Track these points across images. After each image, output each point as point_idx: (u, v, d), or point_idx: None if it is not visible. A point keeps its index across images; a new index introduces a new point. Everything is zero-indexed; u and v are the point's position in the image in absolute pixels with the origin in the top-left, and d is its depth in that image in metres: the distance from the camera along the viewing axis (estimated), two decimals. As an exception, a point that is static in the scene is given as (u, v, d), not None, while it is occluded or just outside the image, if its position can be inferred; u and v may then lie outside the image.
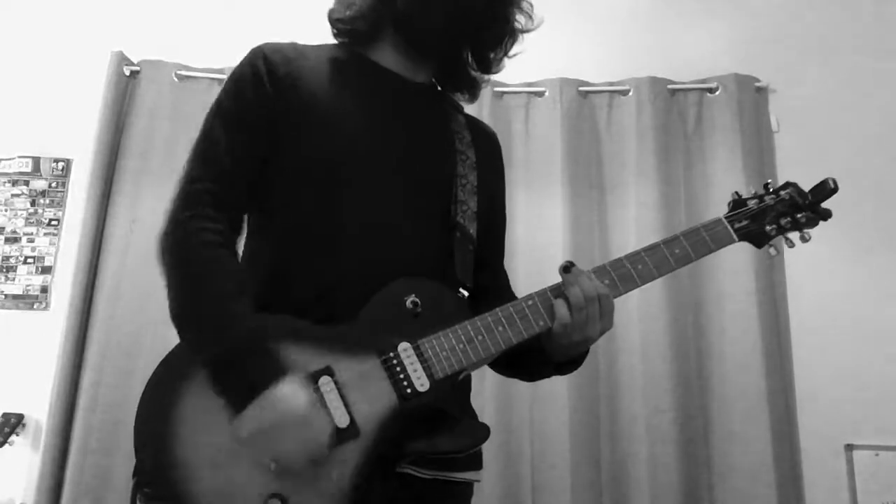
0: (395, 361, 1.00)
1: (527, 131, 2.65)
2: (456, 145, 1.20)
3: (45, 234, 2.72)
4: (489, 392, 2.35)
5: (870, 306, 2.45)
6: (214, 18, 2.81)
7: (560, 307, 1.06)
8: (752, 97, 2.62)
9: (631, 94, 2.64)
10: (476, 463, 1.12)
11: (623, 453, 2.36)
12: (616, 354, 2.44)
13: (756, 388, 2.32)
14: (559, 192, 2.53)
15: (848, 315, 2.45)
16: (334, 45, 1.22)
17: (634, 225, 2.49)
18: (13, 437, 2.42)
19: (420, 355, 1.01)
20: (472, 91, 1.29)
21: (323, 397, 0.96)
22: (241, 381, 0.95)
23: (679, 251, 1.14)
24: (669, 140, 2.60)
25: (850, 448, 2.36)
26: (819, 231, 1.25)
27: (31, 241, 2.72)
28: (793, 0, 2.77)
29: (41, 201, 2.75)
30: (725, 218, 1.18)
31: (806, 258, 2.50)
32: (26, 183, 2.77)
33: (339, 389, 0.97)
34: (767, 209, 1.19)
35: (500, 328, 1.05)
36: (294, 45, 1.17)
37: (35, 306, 2.66)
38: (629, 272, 1.12)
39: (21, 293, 2.67)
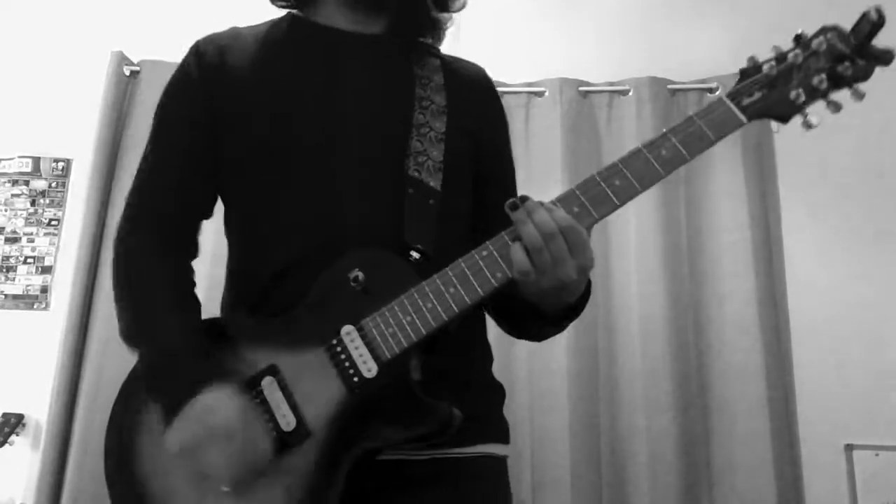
0: (339, 349, 0.90)
1: (527, 131, 2.65)
2: (417, 92, 1.07)
3: (45, 234, 2.72)
4: (489, 392, 2.35)
5: (870, 305, 2.45)
6: (215, 18, 2.80)
7: (516, 252, 0.88)
8: (752, 97, 2.61)
9: (631, 94, 2.64)
10: (490, 436, 1.03)
11: (623, 453, 2.36)
12: (616, 354, 2.44)
13: (756, 388, 2.32)
14: (559, 192, 2.52)
15: (848, 314, 2.44)
16: (279, 17, 1.16)
17: (634, 224, 2.49)
18: (13, 437, 2.42)
19: (364, 337, 0.90)
20: (435, 33, 1.18)
21: (266, 400, 0.89)
22: (167, 394, 0.92)
23: (667, 152, 0.90)
24: (669, 140, 2.59)
25: (850, 448, 2.35)
26: (819, 231, 1.18)
27: (31, 241, 2.72)
28: (793, 0, 2.78)
29: (41, 201, 2.75)
30: (729, 96, 0.93)
31: (806, 258, 2.50)
32: (26, 183, 2.77)
33: (283, 389, 0.90)
34: (792, 70, 0.91)
35: (452, 289, 0.90)
36: (232, 31, 1.14)
37: (35, 306, 2.66)
38: (603, 191, 0.90)
39: (21, 293, 2.67)
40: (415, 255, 0.95)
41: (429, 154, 1.02)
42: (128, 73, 2.72)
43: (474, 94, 1.16)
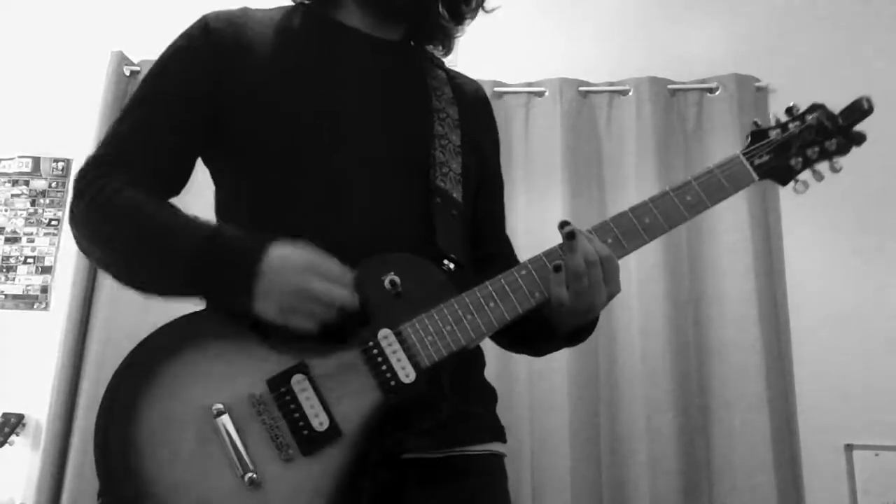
0: (375, 351, 0.89)
1: (527, 131, 2.65)
2: (433, 103, 1.08)
3: (45, 234, 2.72)
4: (489, 392, 2.35)
5: (870, 306, 2.45)
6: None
7: (557, 275, 0.93)
8: (752, 97, 2.62)
9: (631, 94, 2.64)
10: (494, 434, 1.05)
11: (623, 453, 2.36)
12: (616, 354, 2.44)
13: (756, 388, 2.32)
14: (559, 192, 2.53)
15: (848, 314, 2.44)
16: (292, 6, 1.12)
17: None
18: (13, 437, 2.42)
19: (402, 342, 0.89)
20: (447, 42, 1.18)
21: (297, 398, 0.86)
22: (235, 266, 0.87)
23: (691, 198, 1.01)
24: (669, 140, 2.60)
25: (850, 448, 2.35)
26: (819, 230, 1.20)
27: (31, 241, 2.72)
28: (792, 0, 2.78)
29: (41, 201, 2.75)
30: (743, 154, 1.04)
31: (806, 258, 2.50)
32: (26, 183, 2.77)
33: (314, 387, 0.87)
34: (792, 139, 1.05)
35: (492, 304, 0.93)
36: (244, 11, 1.08)
37: (35, 306, 2.66)
38: (635, 227, 0.99)
39: (21, 293, 2.67)
40: (449, 264, 0.97)
41: (449, 166, 1.04)
42: (128, 73, 2.72)
43: (477, 108, 1.19)
